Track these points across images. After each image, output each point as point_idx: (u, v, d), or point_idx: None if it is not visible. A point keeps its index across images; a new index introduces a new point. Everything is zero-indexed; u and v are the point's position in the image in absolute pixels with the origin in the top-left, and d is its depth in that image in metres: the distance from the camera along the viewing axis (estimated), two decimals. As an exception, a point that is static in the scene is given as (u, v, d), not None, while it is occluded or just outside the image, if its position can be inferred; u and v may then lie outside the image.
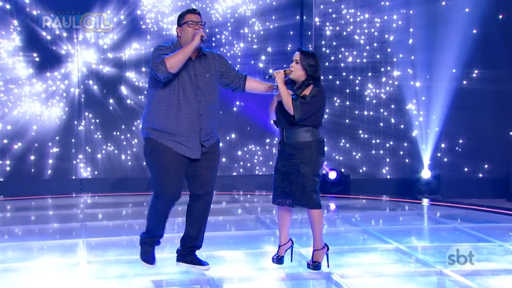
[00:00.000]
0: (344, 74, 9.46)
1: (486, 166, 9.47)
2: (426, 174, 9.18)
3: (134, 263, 4.69)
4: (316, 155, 4.38)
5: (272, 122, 4.59)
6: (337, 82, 9.47)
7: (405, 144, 9.51)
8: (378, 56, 9.44)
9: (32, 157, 9.06)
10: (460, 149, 9.48)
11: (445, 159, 9.49)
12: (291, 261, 4.70)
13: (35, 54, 9.01)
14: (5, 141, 8.99)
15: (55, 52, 9.07)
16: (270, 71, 4.55)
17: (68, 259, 5.14)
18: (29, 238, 6.08)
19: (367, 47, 9.43)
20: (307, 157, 4.35)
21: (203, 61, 4.20)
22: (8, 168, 9.01)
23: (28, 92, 9.03)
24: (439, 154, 9.47)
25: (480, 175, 9.48)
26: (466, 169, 9.50)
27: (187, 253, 4.40)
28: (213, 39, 9.23)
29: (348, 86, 9.50)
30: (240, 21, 9.43)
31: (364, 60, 9.45)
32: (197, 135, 4.14)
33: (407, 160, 9.53)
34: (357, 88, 9.50)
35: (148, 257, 4.37)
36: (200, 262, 4.39)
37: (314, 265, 4.54)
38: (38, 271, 4.74)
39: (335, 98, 9.46)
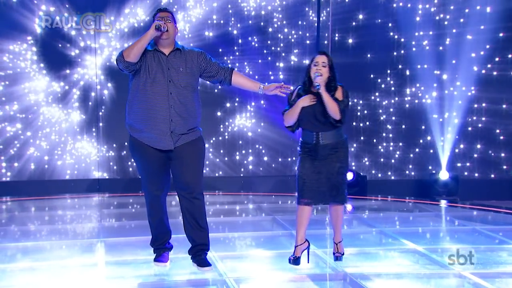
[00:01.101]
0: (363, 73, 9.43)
1: (505, 167, 9.36)
2: (444, 175, 9.09)
3: (151, 264, 4.71)
4: (347, 153, 4.61)
5: (289, 127, 4.59)
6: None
7: (423, 145, 9.43)
8: (395, 54, 9.39)
9: (46, 157, 9.15)
10: (478, 150, 9.39)
11: (463, 160, 9.40)
12: (308, 262, 4.69)
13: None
14: (17, 144, 9.09)
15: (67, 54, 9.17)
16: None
17: (86, 259, 5.18)
18: (46, 238, 6.14)
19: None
20: (342, 156, 4.53)
21: (178, 56, 4.32)
22: (23, 169, 9.13)
23: (42, 95, 9.12)
24: (457, 155, 9.38)
25: (499, 177, 9.37)
26: (484, 170, 9.40)
27: (194, 253, 4.52)
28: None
29: (365, 85, 9.46)
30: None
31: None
32: (167, 126, 4.23)
33: (424, 161, 9.45)
34: (373, 88, 9.46)
35: (160, 257, 4.61)
36: (201, 263, 4.47)
37: (342, 256, 4.72)
38: (56, 271, 4.78)
39: (354, 99, 9.42)
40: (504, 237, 5.90)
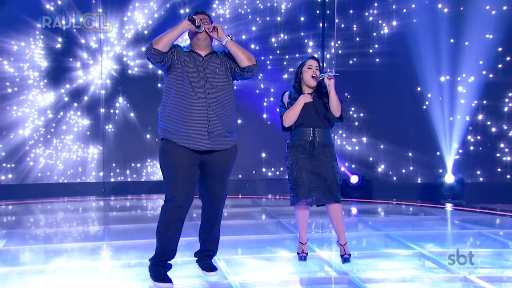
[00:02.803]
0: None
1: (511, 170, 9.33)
2: (449, 178, 9.07)
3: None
4: (335, 152, 4.70)
5: (288, 127, 4.63)
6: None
7: (429, 148, 9.40)
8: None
9: (51, 161, 9.18)
10: (484, 154, 9.35)
11: (469, 164, 9.36)
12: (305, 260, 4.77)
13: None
14: (20, 148, 9.13)
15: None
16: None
17: (92, 262, 5.19)
18: (52, 240, 6.16)
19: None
20: (334, 154, 4.63)
21: (213, 58, 4.24)
22: (28, 171, 9.16)
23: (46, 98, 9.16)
24: (463, 158, 9.35)
25: (505, 180, 9.33)
26: (490, 174, 9.36)
27: (200, 257, 4.46)
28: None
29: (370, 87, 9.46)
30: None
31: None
32: (205, 126, 4.10)
33: (430, 165, 9.42)
34: (378, 89, 9.46)
35: (162, 277, 4.22)
36: (209, 268, 4.42)
37: (350, 257, 4.68)
38: (62, 274, 4.80)
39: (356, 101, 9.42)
40: (510, 240, 5.87)
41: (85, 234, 6.51)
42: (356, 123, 9.59)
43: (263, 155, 9.65)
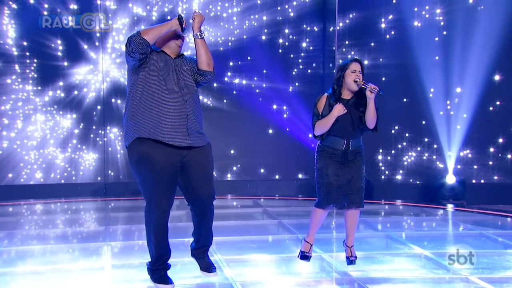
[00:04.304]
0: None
1: (512, 171, 9.33)
2: (450, 179, 9.06)
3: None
4: (364, 156, 4.74)
5: (318, 134, 4.62)
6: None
7: (430, 148, 9.40)
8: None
9: (61, 162, 9.19)
10: (485, 154, 9.35)
11: (470, 164, 9.36)
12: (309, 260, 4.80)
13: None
14: (21, 149, 9.14)
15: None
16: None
17: (93, 262, 5.19)
18: (53, 241, 6.16)
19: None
20: (364, 159, 4.68)
21: (181, 59, 4.20)
22: (37, 173, 9.18)
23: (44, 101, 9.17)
24: (464, 159, 9.35)
25: (506, 181, 9.32)
26: (491, 175, 9.36)
27: (198, 254, 4.39)
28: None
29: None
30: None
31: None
32: (183, 122, 4.01)
33: (431, 165, 9.42)
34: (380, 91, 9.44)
35: (163, 278, 4.19)
36: (208, 269, 4.37)
37: (356, 259, 4.74)
38: (63, 275, 4.80)
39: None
40: (511, 241, 5.86)
41: (86, 235, 6.51)
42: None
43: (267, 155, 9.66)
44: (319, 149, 4.63)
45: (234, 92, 9.53)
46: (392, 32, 9.32)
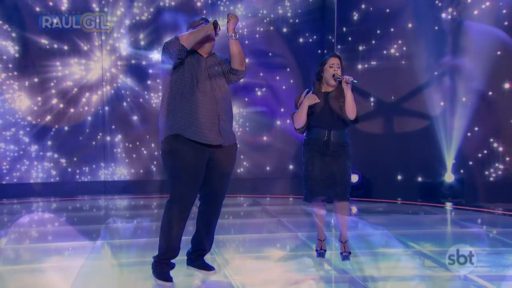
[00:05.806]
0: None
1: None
2: (449, 177, 9.07)
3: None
4: (351, 151, 4.78)
5: (298, 129, 4.67)
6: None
7: (428, 147, 9.40)
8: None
9: (52, 160, 9.20)
10: (484, 152, 9.34)
11: (469, 162, 9.35)
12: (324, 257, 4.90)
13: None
14: (22, 147, 9.14)
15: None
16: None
17: (93, 260, 5.19)
18: (54, 239, 6.17)
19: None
20: (349, 154, 4.74)
21: (213, 58, 4.33)
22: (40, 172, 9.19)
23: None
24: (463, 157, 9.35)
25: (506, 179, 9.32)
26: (490, 173, 9.36)
27: (195, 257, 4.45)
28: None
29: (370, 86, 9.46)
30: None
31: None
32: (215, 121, 4.15)
33: (430, 163, 9.42)
34: (378, 89, 9.46)
35: (164, 275, 4.25)
36: (206, 267, 4.43)
37: (349, 255, 4.79)
38: (63, 272, 4.81)
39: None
40: (510, 239, 5.88)
41: (85, 233, 6.51)
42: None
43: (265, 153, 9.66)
44: (305, 142, 4.76)
45: (234, 89, 9.49)
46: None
